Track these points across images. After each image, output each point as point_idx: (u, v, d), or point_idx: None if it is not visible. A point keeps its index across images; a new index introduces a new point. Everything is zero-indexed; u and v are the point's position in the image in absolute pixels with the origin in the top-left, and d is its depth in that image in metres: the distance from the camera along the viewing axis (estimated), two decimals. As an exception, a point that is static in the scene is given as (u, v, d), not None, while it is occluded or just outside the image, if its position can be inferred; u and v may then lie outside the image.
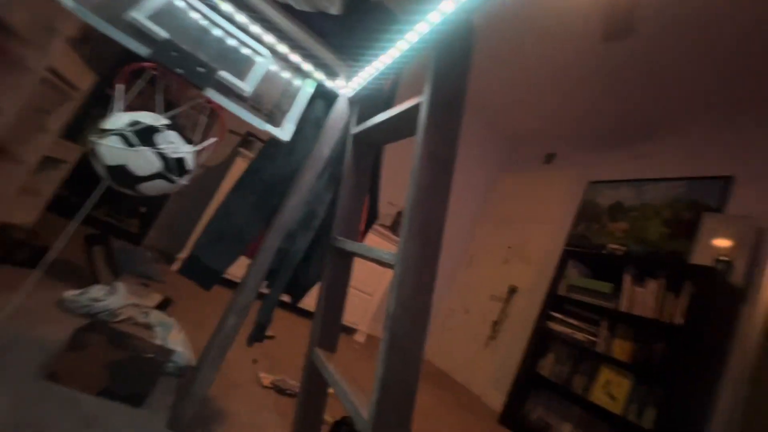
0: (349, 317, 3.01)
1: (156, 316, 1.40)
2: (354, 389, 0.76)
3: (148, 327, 1.36)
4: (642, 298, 2.23)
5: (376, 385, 0.62)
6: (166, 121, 0.84)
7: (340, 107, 1.06)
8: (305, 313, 2.83)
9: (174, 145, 0.84)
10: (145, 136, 0.80)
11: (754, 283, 2.09)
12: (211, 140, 0.93)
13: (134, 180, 0.81)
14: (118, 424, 0.82)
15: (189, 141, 0.93)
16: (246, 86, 0.87)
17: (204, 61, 0.82)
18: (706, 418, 1.96)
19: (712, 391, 1.99)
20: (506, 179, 4.24)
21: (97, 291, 1.26)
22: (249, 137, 2.72)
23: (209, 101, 0.89)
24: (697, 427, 1.95)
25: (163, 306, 1.61)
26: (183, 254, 2.41)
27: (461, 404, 2.52)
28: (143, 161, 0.79)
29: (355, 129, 1.01)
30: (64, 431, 0.72)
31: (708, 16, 2.07)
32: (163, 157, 0.82)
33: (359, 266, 3.11)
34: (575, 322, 2.48)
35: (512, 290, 3.33)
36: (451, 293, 3.99)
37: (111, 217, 2.49)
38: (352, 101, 1.05)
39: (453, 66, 0.69)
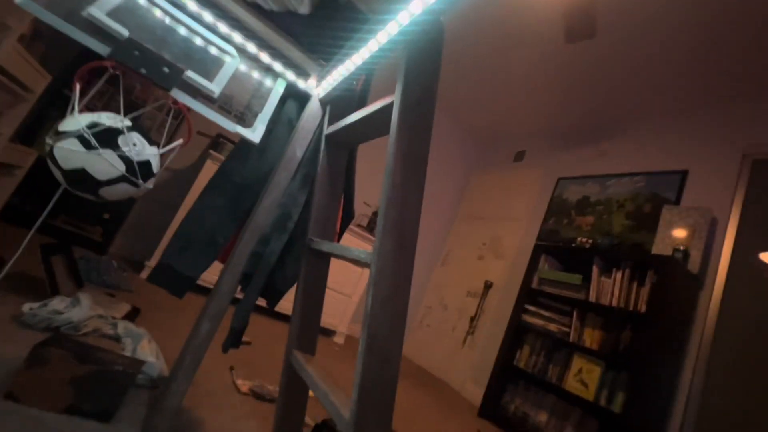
0: (327, 319, 2.99)
1: (124, 327, 1.34)
2: (334, 390, 0.76)
3: (115, 339, 1.30)
4: (609, 288, 2.33)
5: (356, 384, 0.62)
6: (128, 123, 0.81)
7: (313, 108, 1.05)
8: (282, 317, 2.79)
9: (138, 147, 0.81)
10: (106, 138, 0.77)
11: (709, 270, 2.23)
12: (178, 142, 0.90)
13: (95, 184, 0.77)
14: (86, 442, 0.78)
15: (154, 143, 0.90)
16: (214, 87, 0.85)
17: (169, 60, 0.79)
18: (671, 398, 2.08)
19: (675, 372, 2.11)
20: (479, 177, 4.33)
21: (58, 303, 1.19)
22: (219, 139, 2.65)
23: (176, 102, 0.86)
24: (663, 407, 2.06)
25: (131, 316, 1.55)
26: (152, 262, 2.32)
27: (441, 400, 2.55)
28: (104, 164, 0.76)
29: (328, 129, 1.01)
30: (25, 453, 0.68)
31: (665, 19, 2.20)
32: (126, 159, 0.78)
33: (337, 268, 3.10)
34: (548, 314, 2.56)
35: (488, 285, 3.40)
36: (429, 291, 4.04)
37: (71, 225, 2.36)
38: (324, 102, 1.05)
39: (423, 65, 0.70)
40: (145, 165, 0.84)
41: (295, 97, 1.09)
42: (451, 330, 3.51)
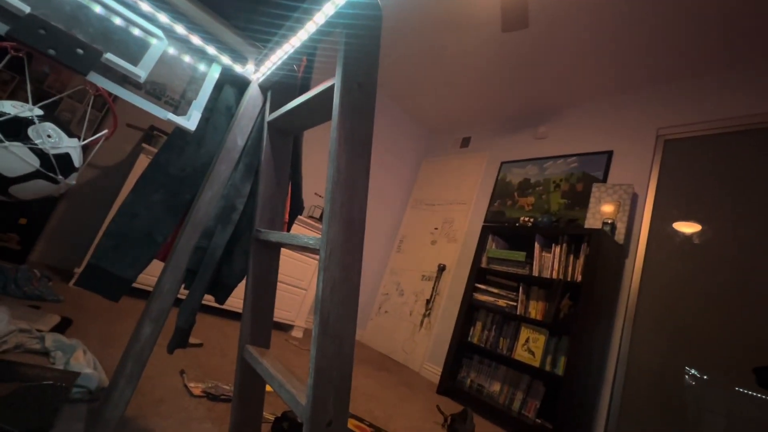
0: (284, 314, 2.93)
1: (53, 340, 1.22)
2: (290, 379, 0.75)
3: (43, 353, 1.18)
4: (549, 262, 2.52)
5: (312, 369, 0.62)
6: (39, 112, 0.72)
7: (252, 94, 1.01)
8: (234, 315, 2.69)
9: (54, 139, 0.73)
10: (13, 129, 0.68)
11: (632, 239, 2.48)
12: (102, 133, 0.82)
13: (3, 182, 0.69)
14: (14, 466, 0.71)
15: (74, 135, 0.81)
16: (140, 71, 0.78)
17: (83, 41, 0.71)
18: (605, 356, 2.31)
19: (608, 333, 2.35)
20: (428, 164, 4.43)
21: (-33, 320, 1.06)
22: (153, 132, 2.45)
23: (96, 89, 0.79)
24: (599, 365, 2.29)
25: (61, 328, 1.41)
26: (82, 268, 2.12)
27: (401, 381, 2.62)
28: (12, 159, 0.67)
29: (270, 116, 0.97)
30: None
31: (588, 9, 2.36)
32: (40, 153, 0.71)
33: (291, 262, 3.03)
34: (497, 291, 2.72)
35: (441, 268, 3.52)
36: (385, 278, 4.10)
37: (-20, 233, 2.08)
38: (264, 87, 1.01)
39: (362, 47, 0.70)
40: (64, 159, 0.76)
41: (233, 83, 1.04)
42: (409, 314, 3.61)
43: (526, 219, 2.85)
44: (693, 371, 2.00)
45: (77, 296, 1.91)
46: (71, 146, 0.75)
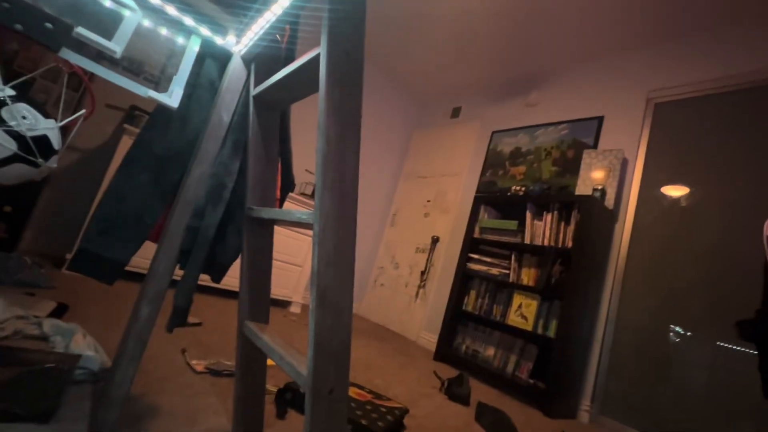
0: (282, 290, 2.96)
1: (51, 325, 1.22)
2: (290, 352, 0.77)
3: (42, 338, 1.18)
4: (541, 230, 2.55)
5: (311, 340, 0.63)
6: (10, 92, 0.69)
7: (235, 67, 0.97)
8: (233, 294, 2.71)
9: (29, 120, 0.70)
10: (-14, 111, 0.65)
11: (622, 204, 2.52)
12: (80, 113, 0.79)
13: (-19, 167, 0.66)
14: (24, 446, 0.72)
15: (51, 116, 0.78)
16: (114, 46, 0.74)
17: (51, 14, 0.67)
18: (596, 317, 2.39)
19: (598, 295, 2.42)
20: (419, 136, 4.38)
21: (-39, 309, 1.05)
22: (134, 112, 2.38)
23: (70, 66, 0.75)
24: (589, 326, 2.37)
25: (58, 313, 1.41)
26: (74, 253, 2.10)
27: (399, 350, 2.70)
28: (-11, 142, 0.65)
29: (255, 90, 0.94)
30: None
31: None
32: (16, 135, 0.68)
33: (286, 239, 3.04)
34: (490, 260, 2.76)
35: (435, 240, 3.56)
36: (380, 252, 4.14)
37: (-36, 223, 2.03)
38: (247, 59, 0.97)
39: (348, 12, 0.67)
40: (42, 141, 0.74)
41: (215, 56, 0.99)
42: (404, 286, 3.67)
43: (518, 188, 2.86)
44: (678, 329, 2.09)
45: (71, 282, 1.90)
46: (48, 128, 0.72)
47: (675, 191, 2.35)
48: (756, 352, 1.15)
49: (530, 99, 3.36)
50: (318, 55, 0.69)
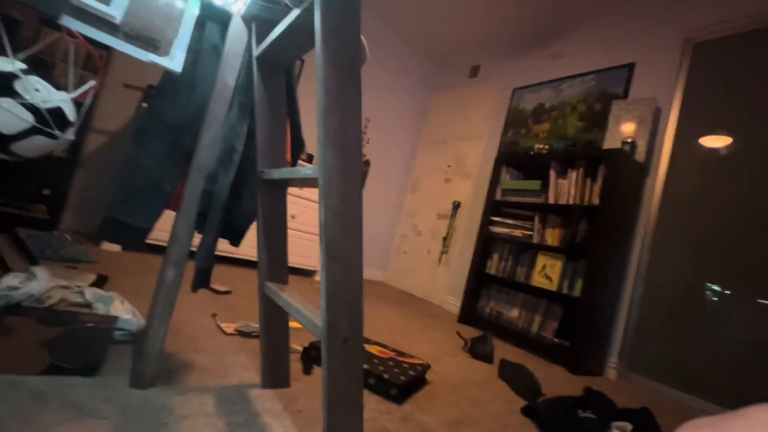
0: (306, 260, 3.05)
1: (93, 293, 1.31)
2: (307, 306, 0.79)
3: (86, 305, 1.28)
4: (565, 188, 2.46)
5: (323, 292, 0.64)
6: (21, 65, 0.71)
7: (236, 29, 0.96)
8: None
9: (42, 93, 0.72)
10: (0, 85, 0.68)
11: (653, 158, 2.38)
12: (90, 83, 0.81)
13: (2, 140, 0.70)
14: (75, 394, 0.80)
15: (62, 88, 0.80)
16: (113, 11, 0.74)
17: (48, -18, 0.68)
18: (623, 277, 2.33)
19: (626, 254, 2.34)
20: (437, 100, 4.25)
21: (11, 279, 1.14)
22: (152, 90, 2.41)
23: (72, 35, 0.76)
24: (616, 286, 2.32)
25: (99, 284, 1.51)
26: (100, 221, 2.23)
27: (424, 313, 2.75)
28: (6, 116, 0.68)
29: (257, 51, 0.93)
30: (9, 412, 0.69)
31: None
32: (32, 108, 0.70)
33: (308, 210, 3.09)
34: (513, 222, 2.71)
35: (456, 206, 3.52)
36: (402, 219, 4.14)
37: (8, 207, 2.18)
38: (248, 19, 0.95)
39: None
40: (57, 113, 0.76)
41: (215, 19, 0.98)
42: (427, 252, 3.68)
43: (541, 146, 2.75)
44: (713, 285, 2.00)
45: (109, 257, 2.03)
46: (62, 99, 0.74)
47: (713, 141, 2.18)
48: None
49: (554, 51, 3.15)
50: (312, 5, 0.66)
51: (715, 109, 2.21)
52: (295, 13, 0.72)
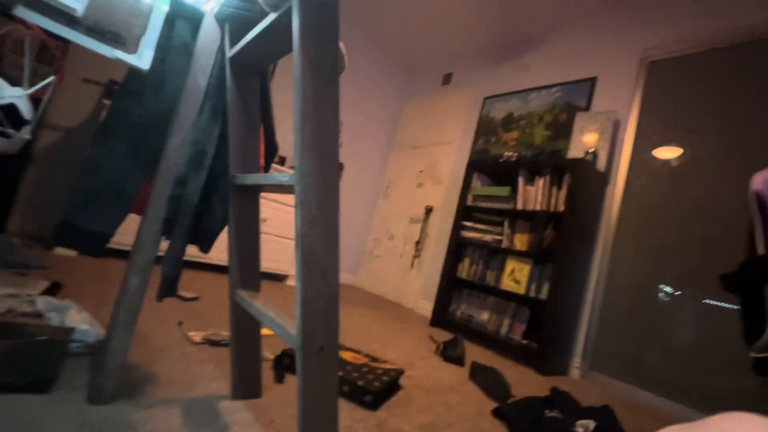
0: (277, 265, 2.98)
1: (45, 302, 1.22)
2: (281, 315, 0.78)
3: (37, 315, 1.19)
4: (533, 195, 2.56)
5: (299, 300, 0.63)
6: (-30, 57, 0.66)
7: (208, 28, 0.93)
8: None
9: (-7, 87, 0.67)
10: (-56, 77, 0.62)
11: (613, 166, 2.52)
12: (49, 80, 0.76)
13: (-53, 137, 0.64)
14: (25, 414, 0.74)
15: (17, 85, 0.75)
16: (74, 3, 0.70)
17: (2, -30, 0.63)
18: (586, 280, 2.44)
19: (589, 258, 2.46)
20: (410, 106, 4.30)
21: (-49, 289, 1.05)
22: (114, 86, 2.29)
23: (28, 27, 0.71)
24: (580, 288, 2.42)
25: (52, 291, 1.41)
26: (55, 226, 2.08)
27: (396, 317, 2.76)
28: (-49, 110, 0.62)
29: (230, 52, 0.91)
30: (-50, 435, 0.63)
31: None
32: (-20, 103, 0.65)
33: (280, 213, 3.03)
34: (483, 227, 2.78)
35: (428, 210, 3.56)
36: (375, 224, 4.15)
37: (-52, 206, 2.00)
38: (221, 19, 0.92)
39: (319, -40, 0.63)
40: (11, 110, 0.71)
41: (186, 17, 0.95)
42: (399, 257, 3.71)
43: (510, 154, 2.84)
44: (666, 288, 2.14)
45: (64, 262, 1.90)
46: (16, 95, 0.69)
47: (667, 152, 2.34)
48: (738, 307, 1.19)
49: (522, 62, 3.27)
50: (290, 8, 0.66)
51: (668, 123, 2.37)
52: (272, 16, 0.71)
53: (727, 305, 1.92)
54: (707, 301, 1.99)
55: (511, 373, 1.98)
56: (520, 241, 2.57)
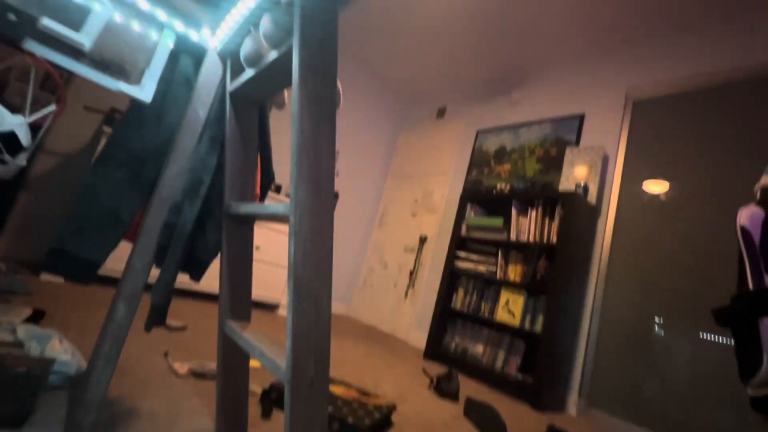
0: (268, 293, 2.93)
1: (26, 331, 1.18)
2: (271, 348, 0.76)
3: (17, 345, 1.15)
4: (526, 226, 2.58)
5: (290, 333, 0.62)
6: (-25, 86, 0.67)
7: (211, 63, 0.96)
8: (217, 298, 2.68)
9: (-5, 115, 0.68)
10: (-52, 105, 0.64)
11: (604, 200, 2.57)
12: (50, 108, 0.78)
13: (-56, 163, 0.64)
14: (-6, 452, 0.70)
15: (19, 113, 0.76)
16: (82, 38, 0.73)
17: (15, 6, 0.66)
18: (581, 312, 2.43)
19: (583, 290, 2.45)
20: (405, 137, 4.40)
21: (-71, 316, 1.01)
22: (115, 114, 2.33)
23: (37, 60, 0.73)
24: (574, 321, 2.40)
25: (34, 319, 1.37)
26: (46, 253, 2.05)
27: (389, 349, 2.70)
28: (-49, 138, 0.63)
29: (231, 86, 0.94)
30: None
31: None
32: (-19, 131, 0.66)
33: (273, 240, 3.01)
34: (477, 257, 2.78)
35: (423, 239, 3.57)
36: (369, 252, 4.13)
37: (-65, 230, 1.97)
38: (223, 55, 0.96)
39: (320, 2, 0.67)
40: (10, 137, 0.72)
41: (190, 52, 0.98)
42: (393, 286, 3.67)
43: (503, 186, 2.89)
44: (661, 320, 2.13)
45: (50, 288, 1.85)
46: (16, 123, 0.70)
47: (655, 186, 2.40)
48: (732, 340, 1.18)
49: (513, 98, 3.40)
50: (290, 47, 0.69)
51: (654, 159, 2.45)
52: (273, 54, 0.74)
53: (722, 339, 1.91)
54: (703, 333, 1.98)
55: (506, 408, 1.92)
56: (514, 272, 2.57)
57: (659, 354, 2.08)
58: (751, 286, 1.12)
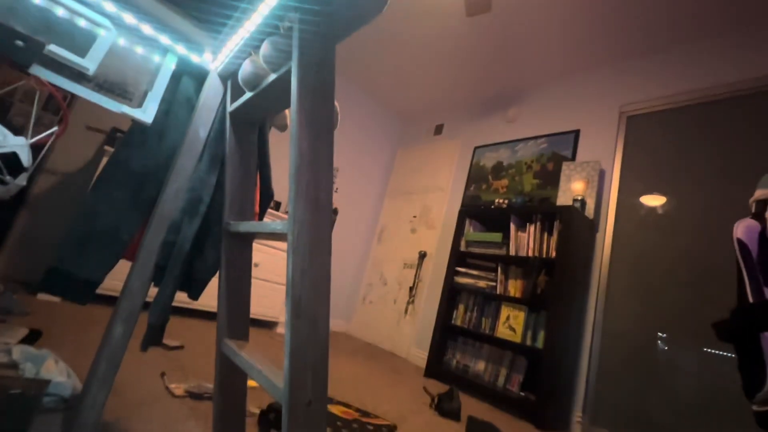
0: (267, 311, 2.91)
1: (22, 352, 1.17)
2: (269, 368, 0.75)
3: (11, 366, 1.13)
4: (525, 241, 2.58)
5: (288, 352, 0.62)
6: (-19, 109, 0.69)
7: (212, 84, 0.98)
8: (215, 316, 2.65)
9: (-1, 137, 0.70)
10: (-47, 128, 0.65)
11: (601, 214, 2.58)
12: (52, 130, 0.79)
13: (-54, 185, 0.65)
14: (-16, 478, 0.68)
15: (21, 134, 0.78)
16: (88, 63, 0.75)
17: (23, 33, 0.68)
18: (582, 327, 2.40)
19: (583, 304, 2.44)
20: (403, 153, 4.44)
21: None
22: (115, 133, 2.36)
23: (41, 83, 0.75)
24: (576, 336, 2.38)
25: (30, 339, 1.36)
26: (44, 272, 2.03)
27: (389, 368, 2.66)
28: (-45, 160, 0.64)
29: (231, 106, 0.96)
30: None
31: (546, -9, 2.40)
32: (-15, 153, 0.67)
33: (271, 258, 3.00)
34: (477, 273, 2.77)
35: (422, 255, 3.56)
36: (368, 269, 4.11)
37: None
38: (224, 76, 0.99)
39: (317, 25, 0.69)
40: (11, 158, 0.73)
41: (192, 74, 1.01)
42: (393, 302, 3.64)
43: (501, 201, 2.91)
44: (663, 334, 2.11)
45: (47, 308, 1.84)
46: (18, 144, 0.71)
47: (651, 200, 2.41)
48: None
49: (509, 115, 3.45)
50: (289, 69, 0.71)
51: (649, 173, 2.47)
52: (272, 76, 0.76)
53: (726, 353, 1.88)
54: (706, 347, 1.95)
55: (509, 428, 1.88)
56: (514, 287, 2.56)
57: (663, 369, 2.05)
58: (750, 299, 1.12)
